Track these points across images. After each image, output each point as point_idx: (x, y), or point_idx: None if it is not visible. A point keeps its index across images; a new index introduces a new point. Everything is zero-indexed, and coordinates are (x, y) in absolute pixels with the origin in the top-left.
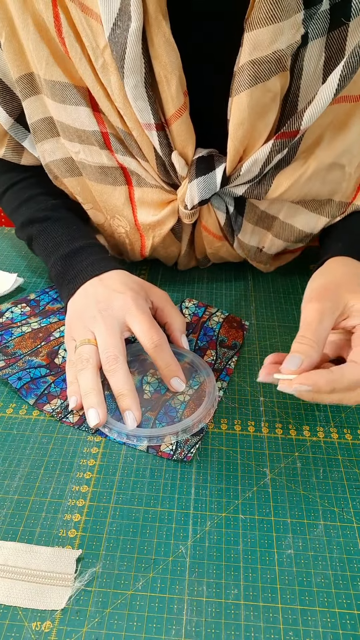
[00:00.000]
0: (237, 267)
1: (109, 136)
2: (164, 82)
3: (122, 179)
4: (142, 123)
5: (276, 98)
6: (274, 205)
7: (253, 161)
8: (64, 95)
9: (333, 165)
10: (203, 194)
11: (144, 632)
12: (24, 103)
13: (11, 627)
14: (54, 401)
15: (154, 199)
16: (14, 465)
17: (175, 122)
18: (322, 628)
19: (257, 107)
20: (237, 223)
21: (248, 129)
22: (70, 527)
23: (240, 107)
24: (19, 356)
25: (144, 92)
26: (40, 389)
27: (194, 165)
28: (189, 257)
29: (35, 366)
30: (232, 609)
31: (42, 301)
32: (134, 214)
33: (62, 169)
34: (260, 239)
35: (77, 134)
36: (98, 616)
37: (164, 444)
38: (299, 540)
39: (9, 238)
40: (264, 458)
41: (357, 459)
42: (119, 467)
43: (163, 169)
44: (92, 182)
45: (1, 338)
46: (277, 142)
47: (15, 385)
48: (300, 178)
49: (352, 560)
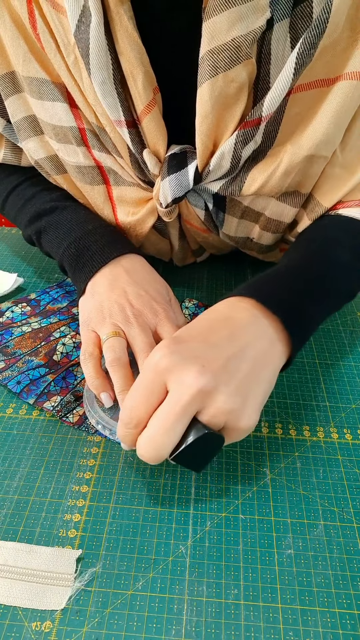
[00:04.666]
0: (237, 267)
1: (86, 132)
2: (131, 78)
3: (100, 178)
4: (113, 120)
5: (243, 88)
6: (258, 201)
7: (220, 154)
8: (41, 91)
9: (313, 158)
10: (176, 191)
11: (144, 632)
12: (6, 102)
13: (11, 627)
14: (54, 398)
15: (132, 197)
16: (14, 465)
17: (145, 119)
18: (322, 628)
19: (221, 98)
20: (218, 218)
21: (213, 122)
22: (70, 527)
23: (203, 99)
24: (19, 356)
25: (112, 88)
26: (40, 389)
27: (166, 163)
28: (184, 250)
29: (34, 367)
30: (232, 609)
31: (43, 301)
32: (114, 213)
33: (49, 167)
34: (248, 230)
35: (54, 131)
36: (98, 616)
37: None
38: (299, 540)
39: (9, 238)
40: (264, 458)
41: (357, 459)
42: (119, 467)
43: (137, 166)
44: (75, 180)
45: (1, 338)
46: (240, 133)
47: (15, 390)
48: (275, 173)
49: (352, 560)
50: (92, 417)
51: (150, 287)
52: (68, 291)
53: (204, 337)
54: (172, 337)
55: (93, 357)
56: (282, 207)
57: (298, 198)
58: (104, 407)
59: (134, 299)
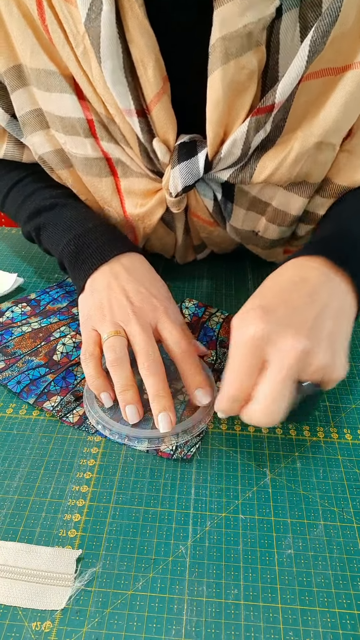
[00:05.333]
0: (237, 267)
1: (94, 123)
2: (141, 66)
3: (107, 170)
4: (122, 109)
5: (253, 76)
6: (265, 191)
7: (232, 142)
8: (49, 83)
9: (321, 145)
10: (186, 179)
11: (144, 632)
12: (12, 96)
13: (11, 627)
14: (54, 398)
15: (140, 189)
16: (14, 465)
17: (155, 108)
18: (322, 628)
19: (232, 85)
20: (227, 210)
21: (224, 110)
22: (70, 527)
23: (214, 86)
24: (19, 356)
25: (122, 76)
26: (40, 388)
27: (176, 152)
28: (186, 246)
29: (34, 367)
30: (232, 609)
31: (43, 301)
32: (122, 206)
33: (55, 161)
34: (254, 223)
35: (62, 123)
36: (98, 616)
37: (164, 444)
38: (299, 540)
39: (9, 238)
40: (264, 458)
41: (357, 459)
42: (119, 467)
43: (146, 155)
44: (81, 173)
45: (1, 338)
46: (253, 120)
47: (15, 390)
48: (285, 160)
49: (352, 560)
50: (92, 417)
51: (150, 284)
52: (68, 291)
53: (287, 303)
54: (257, 306)
55: (94, 357)
56: (289, 197)
57: (306, 188)
58: (104, 407)
59: (133, 296)
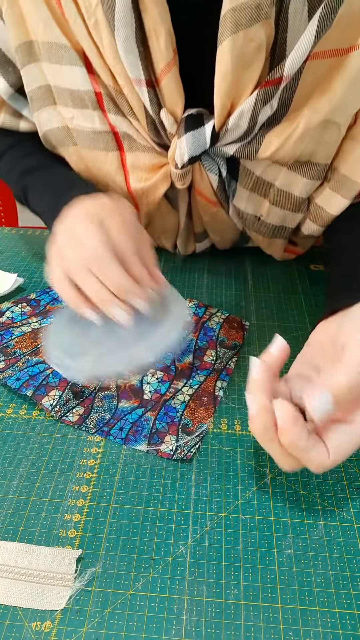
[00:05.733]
0: (237, 267)
1: (102, 96)
2: (153, 35)
3: (114, 144)
4: (132, 78)
5: (261, 49)
6: (269, 171)
7: (239, 113)
8: (60, 55)
9: (327, 124)
10: (192, 150)
11: (144, 632)
12: (22, 71)
13: (11, 627)
14: (52, 393)
15: (146, 164)
16: (14, 465)
17: (165, 79)
18: (322, 628)
19: (241, 56)
20: (230, 188)
21: (233, 81)
22: (70, 527)
23: (223, 57)
24: (19, 356)
25: (134, 45)
26: (38, 381)
27: (183, 122)
28: (188, 232)
29: (33, 364)
30: (232, 609)
31: (43, 301)
32: (127, 181)
33: (59, 138)
34: (257, 206)
35: (71, 97)
36: (98, 616)
37: (164, 444)
38: (299, 540)
39: (9, 238)
40: (264, 458)
41: (356, 459)
42: (119, 467)
43: (153, 128)
44: (86, 149)
45: (1, 338)
46: (261, 92)
47: (14, 386)
48: (291, 137)
49: (352, 560)
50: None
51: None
52: None
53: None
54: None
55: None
56: (293, 177)
57: (309, 168)
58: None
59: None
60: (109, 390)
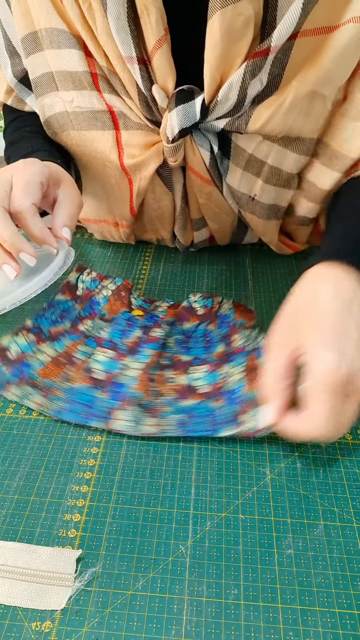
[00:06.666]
0: (237, 267)
1: (97, 77)
2: (145, 13)
3: (110, 123)
4: (125, 56)
5: (249, 23)
6: (261, 147)
7: (229, 85)
8: (60, 40)
9: (314, 95)
10: (183, 122)
11: (144, 632)
12: (27, 60)
13: (11, 627)
14: (116, 414)
15: (139, 141)
16: (14, 465)
17: (156, 55)
18: (322, 628)
19: (229, 30)
20: (223, 165)
21: (221, 54)
22: (70, 527)
23: (212, 30)
24: (54, 387)
25: (125, 24)
26: (99, 409)
27: (174, 97)
28: (184, 217)
29: (76, 392)
30: (232, 609)
31: (43, 326)
32: (120, 158)
33: (60, 123)
34: (251, 185)
35: (71, 78)
36: (98, 616)
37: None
38: (299, 540)
39: None
40: (264, 458)
41: (357, 459)
42: (119, 467)
43: (145, 105)
44: (84, 131)
45: (21, 372)
46: (250, 63)
47: (74, 420)
48: (280, 109)
49: (352, 560)
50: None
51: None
52: (63, 309)
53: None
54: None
55: None
56: (284, 153)
57: (299, 144)
58: None
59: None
60: (169, 395)
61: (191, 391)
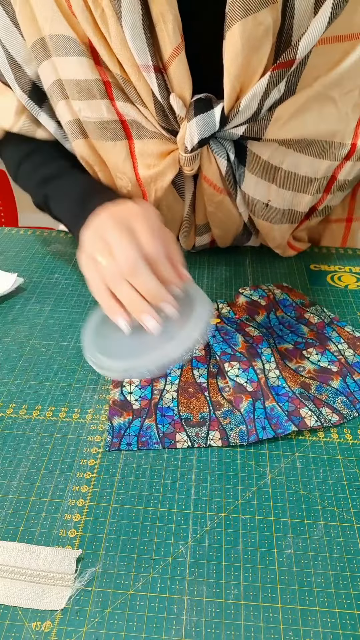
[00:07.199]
0: (237, 267)
1: (110, 85)
2: (161, 20)
3: (122, 133)
4: (141, 65)
5: (268, 32)
6: (276, 154)
7: (252, 95)
8: (67, 47)
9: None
10: (202, 132)
11: (144, 632)
12: (39, 68)
13: (11, 627)
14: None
15: (154, 150)
16: (14, 465)
17: (173, 64)
18: (322, 628)
19: (250, 40)
20: (239, 173)
21: (242, 64)
22: (70, 527)
23: (233, 40)
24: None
25: (141, 32)
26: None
27: (193, 106)
28: (190, 222)
29: None
30: (232, 609)
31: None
32: (135, 169)
33: (71, 131)
34: (265, 191)
35: (78, 88)
36: (98, 616)
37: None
38: (299, 540)
39: (9, 238)
40: (264, 458)
41: (357, 459)
42: (119, 467)
43: (162, 113)
44: (95, 140)
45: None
46: (274, 74)
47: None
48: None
49: (352, 560)
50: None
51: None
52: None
53: None
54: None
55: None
56: (299, 158)
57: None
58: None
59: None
60: (223, 407)
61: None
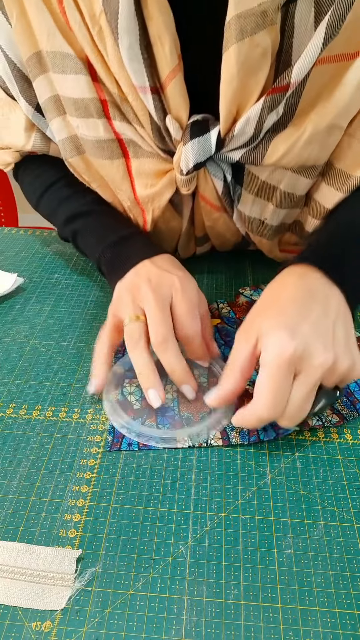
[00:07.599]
0: (237, 267)
1: (107, 103)
2: (158, 42)
3: (119, 151)
4: (137, 86)
5: (266, 54)
6: (274, 175)
7: (246, 120)
8: (64, 65)
9: (332, 128)
10: (198, 156)
11: (144, 632)
12: (34, 83)
13: (11, 627)
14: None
15: (151, 170)
16: (14, 465)
17: (170, 85)
18: (322, 628)
19: (247, 63)
20: (235, 193)
21: (238, 87)
22: (70, 527)
23: (229, 63)
24: None
25: (138, 53)
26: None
27: (189, 129)
28: (189, 236)
29: None
30: (232, 609)
31: None
32: (133, 188)
33: (68, 148)
34: (262, 209)
35: (75, 106)
36: (98, 616)
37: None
38: (299, 540)
39: (9, 238)
40: (264, 458)
41: (357, 459)
42: (119, 467)
43: (158, 134)
44: (93, 157)
45: None
46: (269, 99)
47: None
48: (297, 142)
49: (352, 560)
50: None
51: (172, 267)
52: None
53: (307, 318)
54: (283, 326)
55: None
56: (297, 179)
57: (312, 170)
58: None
59: (153, 276)
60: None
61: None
